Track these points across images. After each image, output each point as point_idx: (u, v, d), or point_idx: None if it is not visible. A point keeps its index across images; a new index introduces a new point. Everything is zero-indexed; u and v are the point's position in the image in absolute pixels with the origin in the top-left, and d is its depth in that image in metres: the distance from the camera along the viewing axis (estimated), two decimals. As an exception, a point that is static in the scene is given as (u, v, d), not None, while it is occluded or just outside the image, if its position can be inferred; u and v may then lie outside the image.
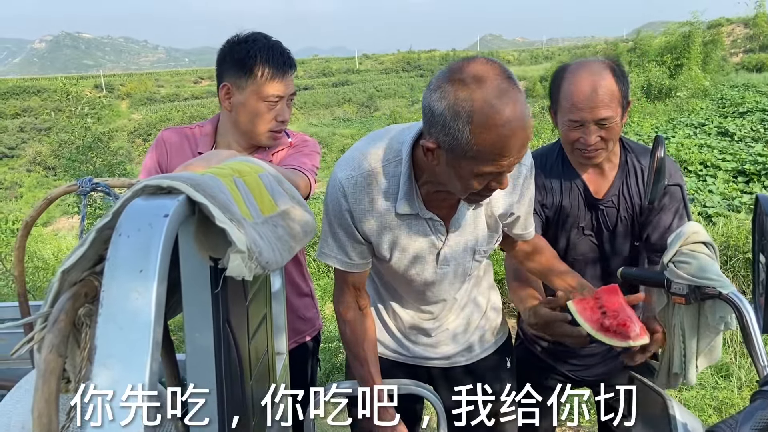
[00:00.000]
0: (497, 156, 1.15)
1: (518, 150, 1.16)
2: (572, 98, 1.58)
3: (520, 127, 1.13)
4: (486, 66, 1.16)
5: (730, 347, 3.69)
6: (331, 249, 1.48)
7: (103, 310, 0.66)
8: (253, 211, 1.04)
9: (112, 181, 1.55)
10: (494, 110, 1.11)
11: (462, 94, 1.13)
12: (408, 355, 1.72)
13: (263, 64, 1.69)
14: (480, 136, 1.12)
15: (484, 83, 1.13)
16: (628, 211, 1.74)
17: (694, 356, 1.45)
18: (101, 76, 64.47)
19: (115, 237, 0.70)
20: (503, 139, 1.13)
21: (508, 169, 1.20)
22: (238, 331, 1.02)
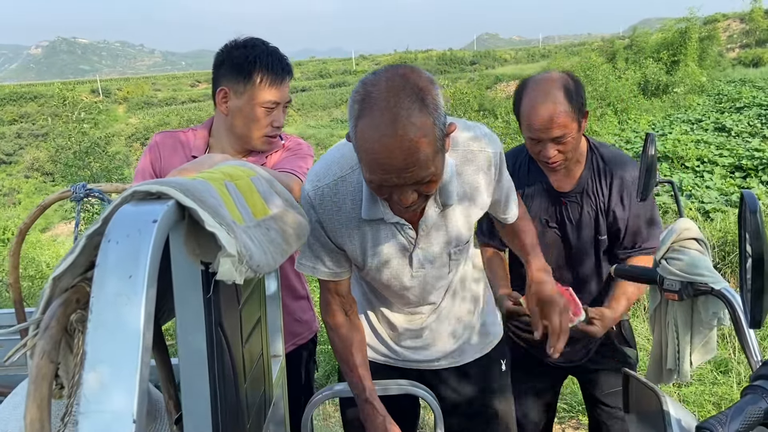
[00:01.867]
0: (374, 171, 1.16)
1: (392, 171, 1.14)
2: (529, 119, 1.72)
3: (390, 153, 1.11)
4: (382, 84, 1.14)
5: (729, 342, 3.69)
6: (308, 259, 1.49)
7: (93, 316, 0.66)
8: (244, 215, 1.05)
9: (106, 187, 1.56)
10: (365, 136, 1.13)
11: (355, 108, 1.16)
12: (398, 358, 1.71)
13: (262, 70, 1.71)
14: (359, 154, 1.18)
15: (369, 109, 1.13)
16: (592, 207, 1.86)
17: (687, 352, 1.46)
18: (98, 80, 64.42)
19: (104, 243, 0.70)
20: (373, 161, 1.14)
21: (388, 185, 1.18)
22: (231, 334, 1.03)
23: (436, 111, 1.14)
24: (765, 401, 0.86)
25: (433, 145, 1.13)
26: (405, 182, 1.16)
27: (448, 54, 64.62)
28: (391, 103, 1.10)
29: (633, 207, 1.82)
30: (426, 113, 1.11)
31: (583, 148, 1.87)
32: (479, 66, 57.07)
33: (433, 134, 1.13)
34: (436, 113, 1.14)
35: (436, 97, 1.15)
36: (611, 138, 11.43)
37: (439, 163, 1.18)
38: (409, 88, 1.12)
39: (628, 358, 2.01)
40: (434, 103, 1.14)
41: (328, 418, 3.42)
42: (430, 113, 1.12)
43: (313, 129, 34.97)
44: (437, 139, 1.14)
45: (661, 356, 1.51)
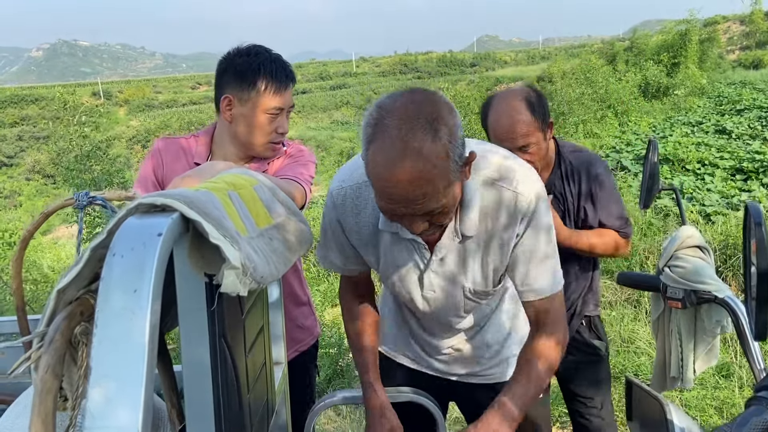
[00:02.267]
0: (383, 199, 1.14)
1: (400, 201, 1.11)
2: (494, 131, 1.84)
3: (398, 185, 1.08)
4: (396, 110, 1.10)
5: (731, 347, 3.69)
6: (326, 252, 1.50)
7: (98, 330, 0.66)
8: (248, 225, 1.05)
9: (109, 194, 1.56)
10: (375, 164, 1.10)
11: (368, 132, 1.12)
12: (419, 361, 1.70)
13: (266, 78, 1.71)
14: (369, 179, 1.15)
15: (380, 135, 1.09)
16: (560, 207, 1.93)
17: (691, 360, 1.46)
18: (99, 83, 64.45)
19: (109, 257, 0.70)
20: (380, 193, 1.13)
21: (397, 214, 1.16)
22: (234, 345, 1.03)
23: (450, 142, 1.08)
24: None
25: (444, 177, 1.09)
26: (414, 212, 1.13)
27: (448, 56, 64.66)
28: (403, 132, 1.06)
29: (602, 201, 1.91)
30: (439, 144, 1.06)
31: (552, 152, 1.96)
32: (479, 68, 57.11)
33: (446, 166, 1.08)
34: (451, 144, 1.08)
35: (453, 126, 1.10)
36: (612, 140, 11.42)
37: (452, 194, 1.14)
38: (423, 117, 1.07)
39: (598, 350, 2.08)
40: (449, 133, 1.09)
41: (330, 422, 3.42)
42: (443, 144, 1.07)
43: (314, 131, 34.98)
44: (450, 171, 1.10)
45: (664, 363, 1.51)
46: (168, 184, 1.81)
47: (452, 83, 31.79)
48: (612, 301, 4.75)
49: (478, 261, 1.37)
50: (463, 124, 5.91)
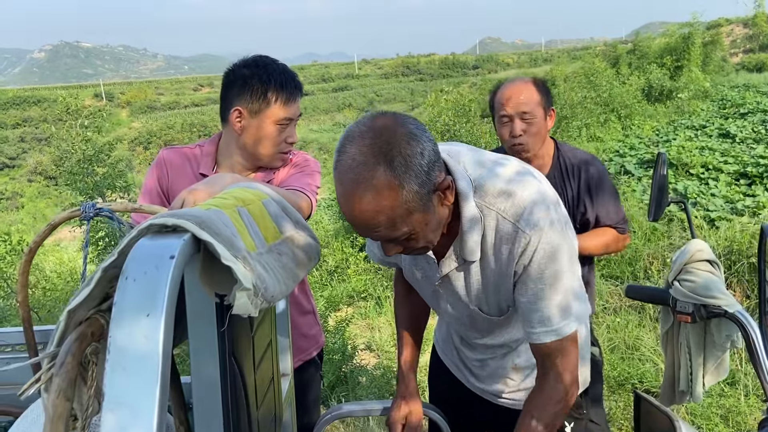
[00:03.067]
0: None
1: (360, 229, 1.12)
2: (501, 99, 2.01)
3: (352, 215, 1.09)
4: (355, 137, 1.09)
5: (736, 354, 3.67)
6: (369, 243, 1.58)
7: (111, 356, 0.66)
8: (257, 241, 1.04)
9: (115, 206, 1.55)
10: (336, 189, 1.11)
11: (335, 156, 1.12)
12: (461, 376, 1.70)
13: (276, 90, 1.73)
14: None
15: (339, 164, 1.10)
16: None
17: (700, 374, 1.45)
18: (101, 84, 64.56)
19: (122, 281, 0.70)
20: (347, 217, 1.13)
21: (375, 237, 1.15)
22: (243, 361, 1.02)
23: (406, 172, 1.05)
24: (785, 435, 0.85)
25: (400, 208, 1.07)
26: (377, 239, 1.15)
27: (451, 58, 64.68)
28: (356, 162, 1.05)
29: (600, 198, 1.99)
30: (391, 176, 1.04)
31: (550, 150, 2.07)
32: (482, 70, 57.11)
33: (400, 198, 1.06)
34: (407, 174, 1.05)
35: (410, 156, 1.06)
36: (615, 144, 11.40)
37: (416, 222, 1.12)
38: (377, 146, 1.05)
39: (594, 356, 2.05)
40: (405, 163, 1.05)
41: (334, 430, 3.41)
42: (396, 175, 1.04)
43: (316, 133, 35.00)
44: (407, 201, 1.07)
45: (673, 378, 1.50)
46: (173, 195, 1.81)
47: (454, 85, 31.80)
48: (616, 308, 4.74)
49: (483, 286, 1.34)
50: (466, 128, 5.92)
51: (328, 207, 10.59)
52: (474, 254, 1.26)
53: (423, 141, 1.10)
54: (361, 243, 7.43)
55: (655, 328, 4.27)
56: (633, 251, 5.37)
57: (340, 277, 6.88)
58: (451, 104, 11.96)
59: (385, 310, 5.50)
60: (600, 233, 2.01)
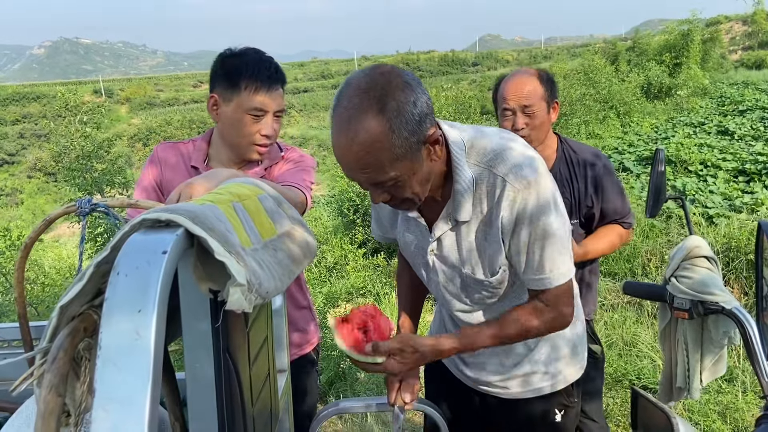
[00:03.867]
0: (341, 167, 1.22)
1: (350, 170, 1.19)
2: (504, 93, 2.00)
3: (343, 153, 1.17)
4: (353, 83, 1.17)
5: (734, 351, 3.68)
6: (373, 221, 1.66)
7: (102, 352, 0.65)
8: (252, 237, 1.03)
9: (111, 202, 1.55)
10: (331, 133, 1.19)
11: (333, 104, 1.21)
12: (454, 367, 1.70)
13: (248, 78, 1.71)
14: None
15: (336, 107, 1.18)
16: (566, 195, 1.98)
17: (697, 371, 1.44)
18: (100, 81, 64.44)
19: (113, 276, 0.69)
20: (336, 157, 1.20)
21: (364, 183, 1.22)
22: (239, 357, 1.02)
23: (397, 117, 1.13)
24: (781, 432, 0.85)
25: (388, 151, 1.13)
26: (365, 182, 1.20)
27: (450, 55, 64.58)
28: (351, 104, 1.13)
29: (607, 193, 1.98)
30: (382, 118, 1.12)
31: (554, 144, 2.06)
32: (481, 67, 57.07)
33: (388, 141, 1.13)
34: (397, 119, 1.13)
35: (403, 102, 1.13)
36: (614, 141, 11.39)
37: (403, 169, 1.18)
38: (372, 91, 1.13)
39: (595, 355, 2.10)
40: (396, 108, 1.13)
41: (330, 425, 3.41)
42: (387, 119, 1.12)
43: (316, 130, 34.97)
44: (395, 146, 1.14)
45: (671, 374, 1.50)
46: (168, 190, 1.81)
47: (454, 82, 31.78)
48: (614, 304, 4.74)
49: (474, 246, 1.37)
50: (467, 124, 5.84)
51: (327, 204, 10.59)
52: (466, 213, 1.32)
53: (417, 92, 1.16)
54: (360, 239, 7.43)
55: (652, 325, 4.27)
56: (631, 248, 5.37)
57: (339, 273, 6.88)
58: (451, 101, 11.96)
59: (384, 306, 5.50)
60: (605, 233, 1.99)
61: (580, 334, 1.56)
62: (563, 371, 1.54)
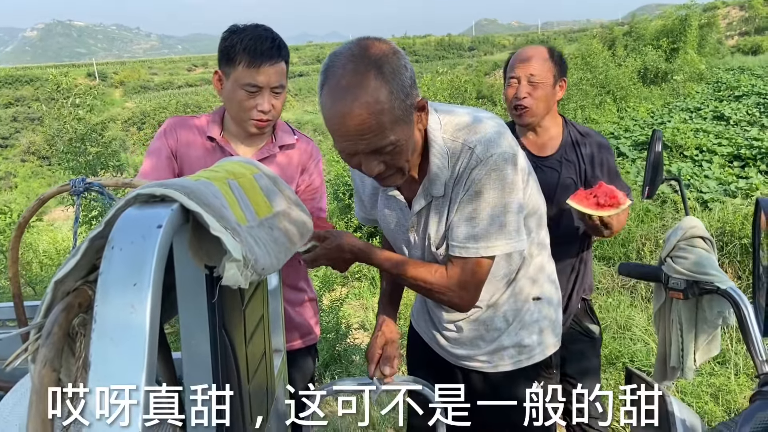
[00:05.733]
0: (336, 139, 1.21)
1: (348, 137, 1.17)
2: (513, 62, 2.01)
3: (343, 119, 1.15)
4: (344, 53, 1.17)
5: (727, 333, 3.70)
6: (356, 203, 1.66)
7: (97, 325, 0.65)
8: (248, 214, 1.03)
9: (105, 181, 1.54)
10: (325, 103, 1.17)
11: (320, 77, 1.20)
12: (434, 342, 1.72)
13: (242, 53, 1.69)
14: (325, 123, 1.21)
15: (329, 77, 1.17)
16: (571, 174, 1.99)
17: (691, 351, 1.45)
18: (94, 64, 63.89)
19: (108, 250, 0.69)
20: (332, 128, 1.19)
21: (350, 153, 1.21)
22: (234, 335, 1.02)
23: (394, 79, 1.14)
24: (775, 408, 0.86)
25: (389, 113, 1.14)
26: (365, 149, 1.19)
27: (447, 40, 64.24)
28: (347, 70, 1.13)
29: (610, 173, 2.00)
30: (381, 81, 1.13)
31: (559, 125, 2.06)
32: (477, 52, 56.80)
33: (389, 102, 1.14)
34: (394, 81, 1.14)
35: (397, 66, 1.16)
36: (610, 126, 11.38)
37: (401, 133, 1.19)
38: (367, 57, 1.14)
39: (592, 334, 2.14)
40: (392, 71, 1.14)
41: (326, 407, 3.43)
42: (386, 81, 1.13)
43: (311, 114, 34.83)
44: (395, 108, 1.15)
45: (665, 355, 1.51)
46: (182, 156, 1.83)
47: (450, 67, 31.66)
48: (609, 288, 4.76)
49: (444, 220, 1.39)
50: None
51: (322, 188, 10.60)
52: (441, 188, 1.34)
53: (405, 58, 1.20)
54: (355, 224, 7.42)
55: (646, 309, 4.30)
56: (626, 232, 5.38)
57: (335, 257, 6.87)
58: (447, 85, 11.92)
59: (378, 290, 5.52)
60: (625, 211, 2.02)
61: (556, 307, 1.59)
62: (543, 343, 1.57)
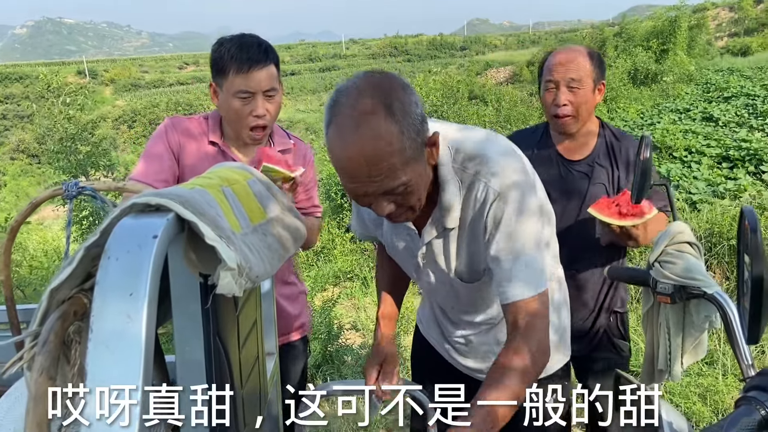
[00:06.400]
0: (343, 180, 1.15)
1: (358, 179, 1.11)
2: (550, 65, 1.88)
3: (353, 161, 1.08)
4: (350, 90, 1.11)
5: (714, 334, 3.74)
6: (353, 218, 1.60)
7: (93, 335, 0.66)
8: (242, 221, 1.04)
9: (98, 185, 1.54)
10: (332, 144, 1.11)
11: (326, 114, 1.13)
12: (444, 352, 1.70)
13: (230, 61, 1.71)
14: (331, 162, 1.14)
15: (336, 115, 1.10)
16: (602, 180, 1.89)
17: (679, 354, 1.47)
18: (84, 61, 63.50)
19: (104, 260, 0.70)
20: (340, 169, 1.12)
21: (359, 194, 1.15)
22: (228, 341, 1.03)
23: (404, 118, 1.09)
24: (759, 412, 0.88)
25: (400, 154, 1.09)
26: (375, 191, 1.13)
27: (438, 39, 64.28)
28: (356, 109, 1.07)
29: None
30: (391, 121, 1.07)
31: (595, 128, 1.95)
32: (469, 51, 56.89)
33: (400, 143, 1.08)
34: (405, 120, 1.09)
35: (407, 103, 1.10)
36: (601, 127, 11.43)
37: (414, 173, 1.13)
38: (376, 95, 1.08)
39: (621, 351, 2.05)
40: (402, 109, 1.09)
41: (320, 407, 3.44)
42: (396, 120, 1.08)
43: (303, 113, 34.76)
44: (406, 148, 1.09)
45: (653, 357, 1.53)
46: (186, 158, 1.82)
47: (442, 66, 31.70)
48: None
49: (462, 252, 1.35)
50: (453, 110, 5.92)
51: (314, 188, 10.60)
52: (453, 221, 1.29)
53: (414, 93, 1.14)
54: (347, 222, 7.42)
55: (636, 309, 4.33)
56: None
57: (327, 257, 6.88)
58: (439, 85, 11.94)
59: (371, 290, 5.52)
60: (661, 219, 1.87)
61: (565, 322, 1.56)
62: (553, 357, 1.46)
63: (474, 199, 1.26)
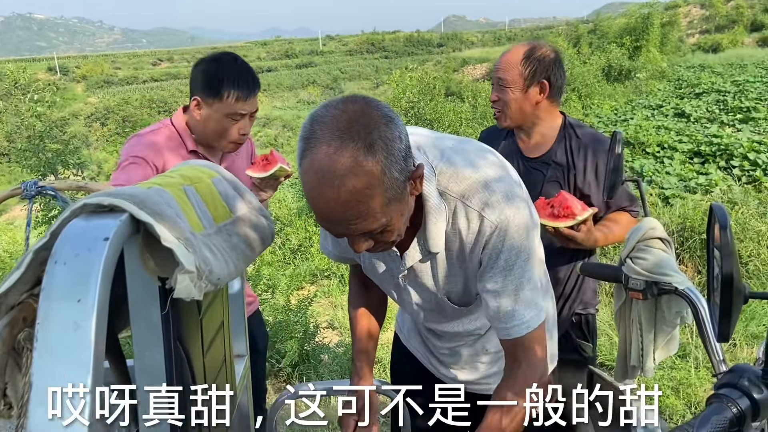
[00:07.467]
0: (319, 220, 1.04)
1: (334, 223, 1.02)
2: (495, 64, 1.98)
3: (328, 206, 0.98)
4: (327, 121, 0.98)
5: (687, 329, 3.78)
6: (324, 239, 1.45)
7: (39, 344, 0.62)
8: (204, 221, 1.01)
9: (59, 184, 1.50)
10: (305, 180, 0.99)
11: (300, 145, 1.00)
12: (428, 363, 1.65)
13: (230, 88, 1.85)
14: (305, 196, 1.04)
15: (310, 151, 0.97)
16: (557, 177, 1.89)
17: (651, 350, 1.47)
18: (55, 58, 62.32)
19: (51, 265, 0.66)
20: (316, 211, 1.02)
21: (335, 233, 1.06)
22: (191, 345, 0.99)
23: (387, 157, 0.97)
24: (730, 410, 0.87)
25: (381, 195, 0.98)
26: (351, 233, 1.03)
27: (416, 36, 64.36)
28: (332, 148, 0.94)
29: (598, 185, 1.88)
30: (372, 160, 0.95)
31: (554, 124, 1.96)
32: (446, 48, 57.04)
33: (381, 185, 0.97)
34: (387, 160, 0.97)
35: (390, 140, 0.98)
36: (575, 123, 11.54)
37: (394, 212, 1.03)
38: (355, 130, 0.96)
39: (583, 352, 2.03)
40: (385, 147, 0.97)
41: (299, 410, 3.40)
42: (377, 160, 0.96)
43: (280, 110, 34.54)
44: (387, 189, 0.99)
45: (626, 354, 1.53)
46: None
47: (419, 63, 31.70)
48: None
49: (451, 275, 1.29)
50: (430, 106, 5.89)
51: (291, 185, 10.50)
52: (438, 245, 1.21)
53: (399, 125, 1.02)
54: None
55: (609, 303, 4.37)
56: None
57: (304, 255, 6.83)
58: (416, 82, 11.93)
59: (348, 288, 5.49)
60: (619, 220, 1.89)
61: (551, 323, 1.51)
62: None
63: (466, 225, 1.18)
